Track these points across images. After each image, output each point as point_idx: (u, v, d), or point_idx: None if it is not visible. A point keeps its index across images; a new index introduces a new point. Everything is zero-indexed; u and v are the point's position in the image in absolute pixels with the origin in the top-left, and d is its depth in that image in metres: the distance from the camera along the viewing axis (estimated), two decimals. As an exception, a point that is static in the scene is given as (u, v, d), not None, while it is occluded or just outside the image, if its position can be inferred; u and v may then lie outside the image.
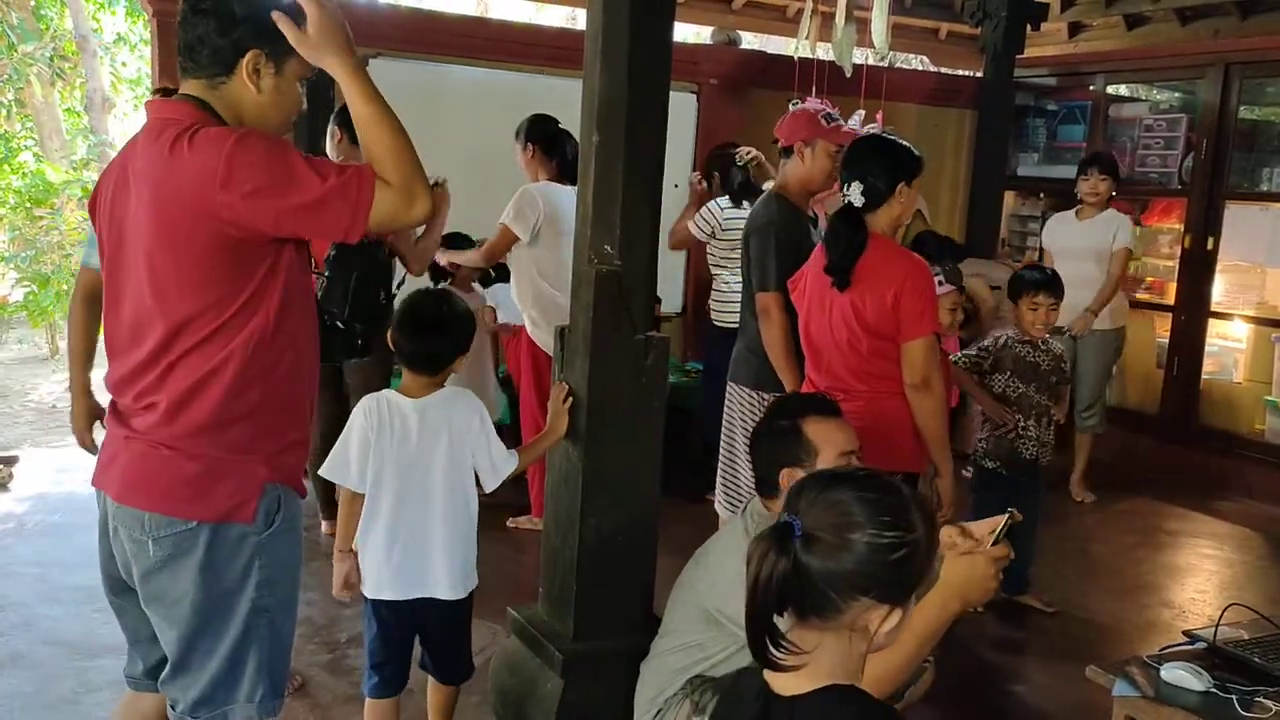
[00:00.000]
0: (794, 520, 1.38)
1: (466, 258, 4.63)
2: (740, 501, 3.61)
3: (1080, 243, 5.66)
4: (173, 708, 2.03)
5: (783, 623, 1.39)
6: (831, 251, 3.04)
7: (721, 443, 3.78)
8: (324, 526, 4.44)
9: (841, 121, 3.62)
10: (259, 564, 1.95)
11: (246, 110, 1.95)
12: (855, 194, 3.01)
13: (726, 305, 4.93)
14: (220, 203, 1.79)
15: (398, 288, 4.14)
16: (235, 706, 1.99)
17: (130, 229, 1.90)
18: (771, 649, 1.36)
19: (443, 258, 4.62)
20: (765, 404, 3.53)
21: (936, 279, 3.73)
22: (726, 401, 3.74)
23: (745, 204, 4.75)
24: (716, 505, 3.78)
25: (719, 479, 3.74)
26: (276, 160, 1.82)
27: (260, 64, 1.93)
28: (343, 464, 2.56)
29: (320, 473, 2.64)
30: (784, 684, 1.42)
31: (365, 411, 2.55)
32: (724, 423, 3.75)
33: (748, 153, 4.92)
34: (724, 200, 4.98)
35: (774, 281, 3.45)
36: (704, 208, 5.00)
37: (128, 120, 12.95)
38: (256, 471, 1.95)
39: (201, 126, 1.85)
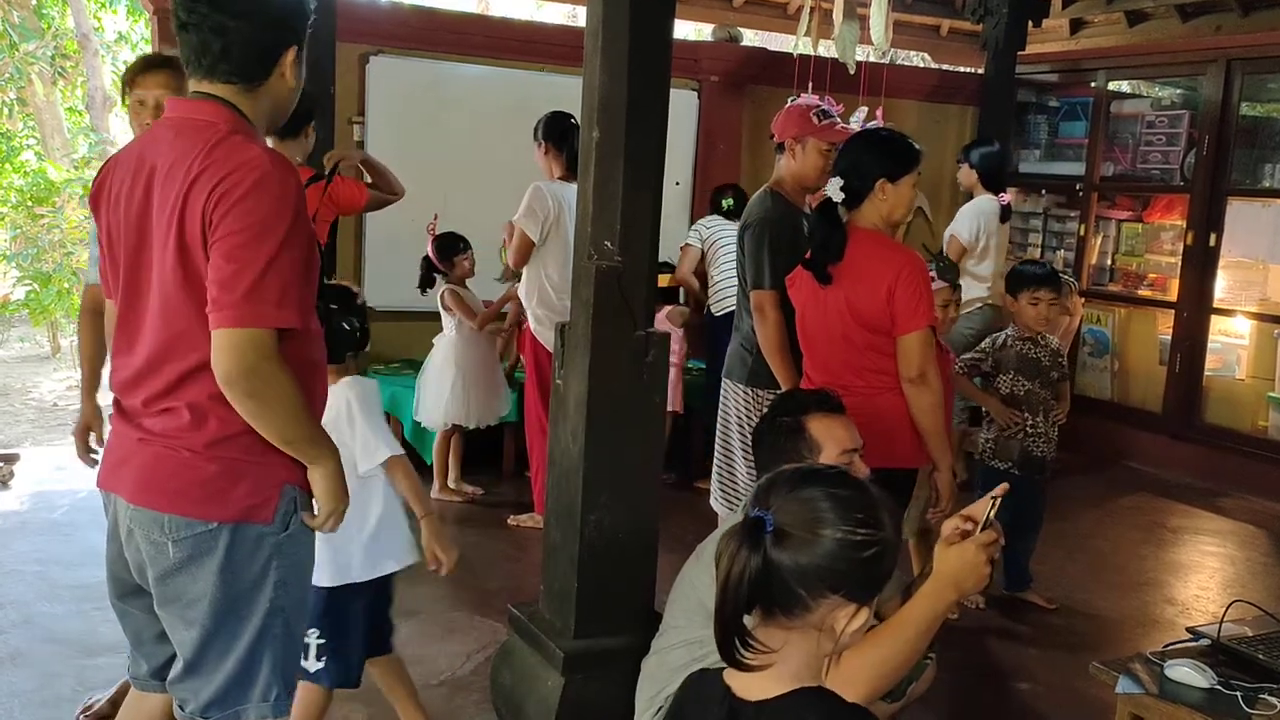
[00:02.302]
0: (765, 515, 1.36)
1: (512, 260, 4.57)
2: (735, 497, 3.59)
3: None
4: (181, 708, 2.01)
5: (749, 621, 1.37)
6: (810, 247, 3.04)
7: (717, 439, 3.76)
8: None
9: (836, 118, 3.60)
10: (276, 564, 1.94)
11: (279, 105, 1.96)
12: (834, 190, 3.00)
13: (717, 294, 5.36)
14: (212, 221, 1.79)
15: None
16: (249, 707, 1.97)
17: (156, 224, 1.87)
18: (739, 649, 1.35)
19: (513, 253, 4.57)
20: (760, 400, 3.52)
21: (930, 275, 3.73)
22: (721, 398, 3.73)
23: (734, 220, 5.35)
24: (712, 502, 3.76)
25: (714, 475, 3.73)
26: (270, 221, 1.78)
27: (294, 57, 1.94)
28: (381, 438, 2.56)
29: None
30: (749, 687, 1.40)
31: (367, 391, 2.58)
32: (719, 419, 3.74)
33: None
34: (712, 217, 5.58)
35: (768, 279, 3.44)
36: (697, 223, 5.65)
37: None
38: (275, 473, 1.93)
39: (237, 133, 1.85)
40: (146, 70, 2.65)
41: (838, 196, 3.00)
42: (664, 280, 5.46)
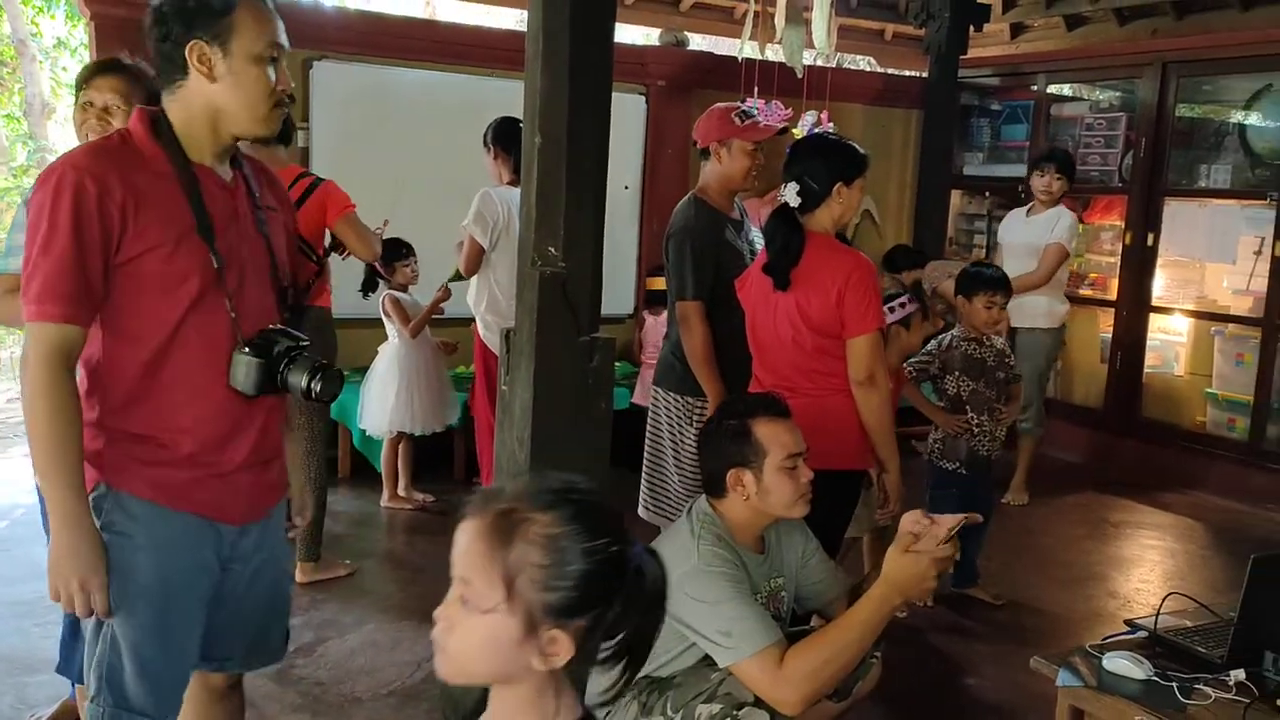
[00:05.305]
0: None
1: (464, 268, 4.49)
2: (667, 506, 3.58)
3: (1024, 239, 5.73)
4: None
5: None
6: (769, 252, 3.06)
7: (646, 448, 3.71)
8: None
9: (758, 116, 3.59)
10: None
11: (213, 103, 1.91)
12: (791, 194, 3.02)
13: None
14: None
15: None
16: (89, 702, 1.94)
17: None
18: None
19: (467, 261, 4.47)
20: (690, 408, 3.52)
21: (900, 300, 3.76)
22: (651, 406, 3.69)
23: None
24: (641, 510, 3.69)
25: (644, 484, 3.69)
26: (35, 221, 1.81)
27: (204, 51, 1.88)
28: None
29: None
30: None
31: None
32: (649, 427, 3.69)
33: None
34: None
35: (691, 290, 3.43)
36: None
37: (68, 126, 12.68)
38: (100, 465, 1.90)
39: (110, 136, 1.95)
40: (99, 73, 2.63)
41: (794, 201, 3.02)
42: None
